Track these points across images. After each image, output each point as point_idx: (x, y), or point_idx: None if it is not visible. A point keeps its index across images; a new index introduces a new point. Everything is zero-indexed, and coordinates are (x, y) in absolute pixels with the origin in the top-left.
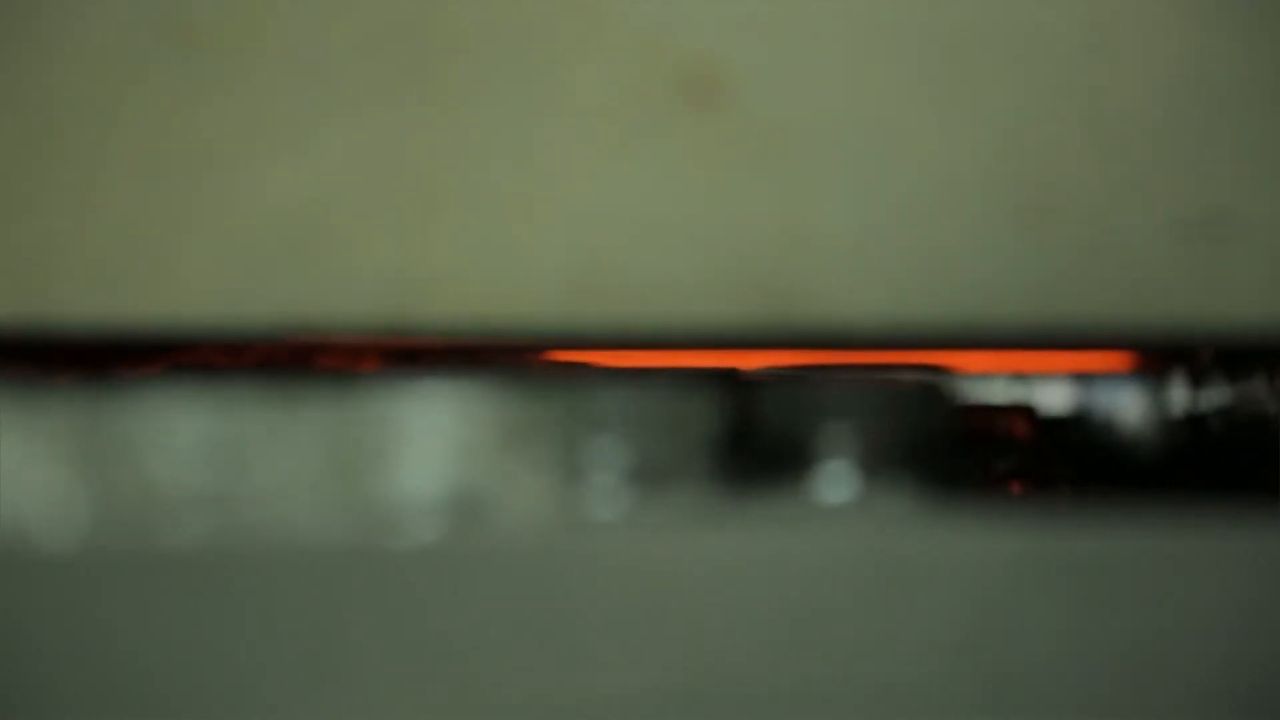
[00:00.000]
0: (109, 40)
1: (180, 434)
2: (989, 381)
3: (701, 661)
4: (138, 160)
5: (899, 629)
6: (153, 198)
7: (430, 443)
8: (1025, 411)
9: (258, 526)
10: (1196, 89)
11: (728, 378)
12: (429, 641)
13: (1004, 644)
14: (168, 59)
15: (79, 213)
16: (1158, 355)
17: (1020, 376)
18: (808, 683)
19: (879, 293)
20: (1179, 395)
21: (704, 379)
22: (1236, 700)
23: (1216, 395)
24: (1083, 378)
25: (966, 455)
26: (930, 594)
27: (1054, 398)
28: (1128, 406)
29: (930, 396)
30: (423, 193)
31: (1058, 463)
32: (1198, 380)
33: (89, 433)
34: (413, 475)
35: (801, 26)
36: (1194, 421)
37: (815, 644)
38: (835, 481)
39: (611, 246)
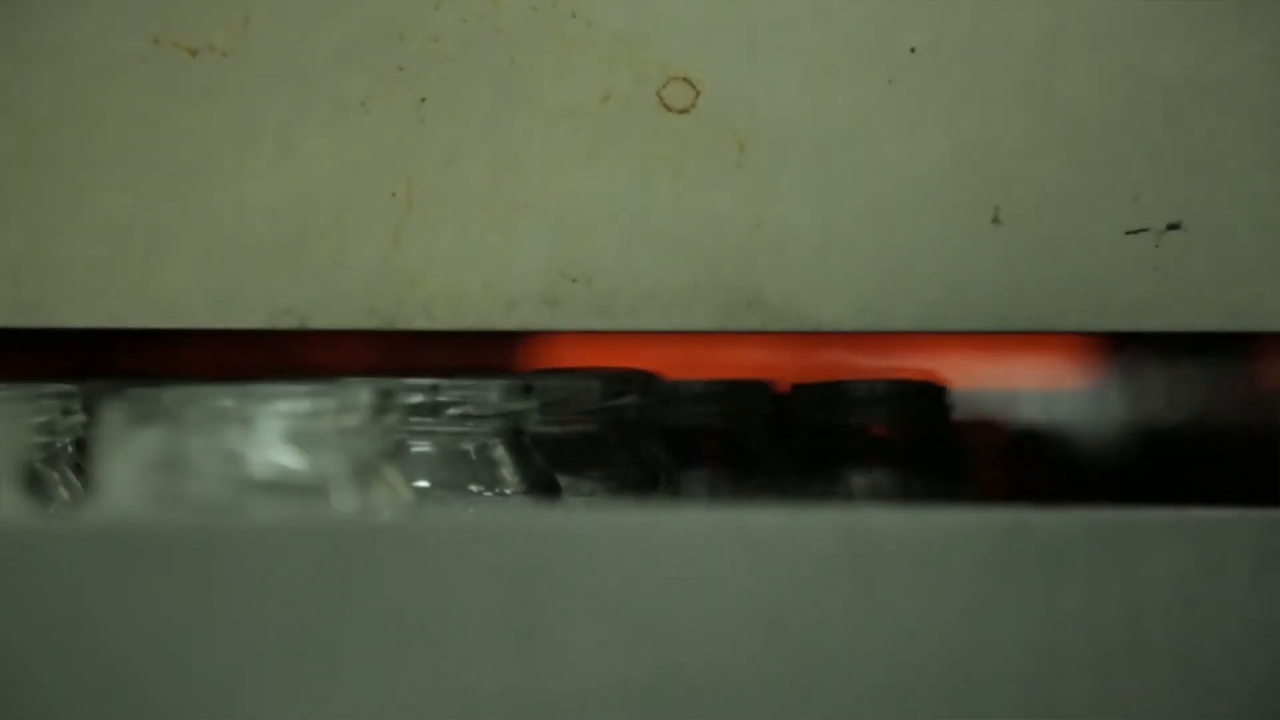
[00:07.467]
0: (95, 48)
1: (162, 433)
2: (957, 383)
3: (674, 655)
4: (125, 166)
5: (878, 628)
6: (140, 203)
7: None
8: (991, 411)
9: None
10: (1153, 94)
11: (701, 379)
12: (408, 621)
13: (983, 643)
14: (153, 66)
15: (67, 218)
16: (1116, 355)
17: (984, 378)
18: (784, 678)
19: (845, 294)
20: (1137, 395)
21: (679, 379)
22: (1223, 700)
23: (1176, 394)
24: (1040, 376)
25: (940, 454)
26: (910, 593)
27: (1018, 398)
28: (1085, 407)
29: (900, 397)
30: (403, 197)
31: (1024, 461)
32: (1156, 380)
33: (81, 434)
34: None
35: (771, 35)
36: (1153, 421)
37: (793, 639)
38: (809, 480)
39: (585, 248)
